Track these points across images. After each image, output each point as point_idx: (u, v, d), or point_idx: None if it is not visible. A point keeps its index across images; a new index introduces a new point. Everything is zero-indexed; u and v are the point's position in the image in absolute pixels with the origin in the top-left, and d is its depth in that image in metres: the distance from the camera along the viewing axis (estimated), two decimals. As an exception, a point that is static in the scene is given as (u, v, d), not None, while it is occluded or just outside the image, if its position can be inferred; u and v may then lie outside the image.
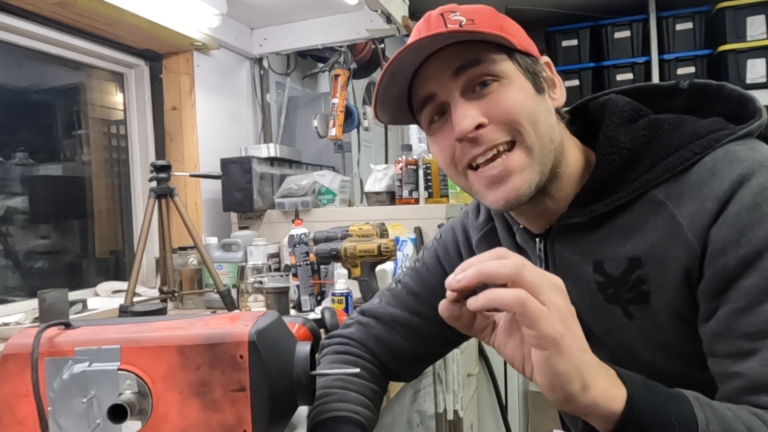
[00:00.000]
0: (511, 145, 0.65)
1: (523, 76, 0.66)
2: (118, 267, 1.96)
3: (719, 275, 0.58)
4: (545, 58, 0.71)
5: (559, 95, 0.71)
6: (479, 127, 0.64)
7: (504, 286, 0.50)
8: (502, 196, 0.66)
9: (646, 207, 0.64)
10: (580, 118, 0.76)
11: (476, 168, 0.67)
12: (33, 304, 1.38)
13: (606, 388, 0.50)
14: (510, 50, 0.66)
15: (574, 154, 0.71)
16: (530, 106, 0.65)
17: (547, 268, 0.73)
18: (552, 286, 0.50)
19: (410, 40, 0.69)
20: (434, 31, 0.63)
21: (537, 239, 0.74)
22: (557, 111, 0.71)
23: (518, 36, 0.68)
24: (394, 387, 1.05)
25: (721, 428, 0.51)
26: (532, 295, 0.49)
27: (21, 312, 1.45)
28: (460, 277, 0.52)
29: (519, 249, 0.78)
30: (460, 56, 0.65)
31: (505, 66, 0.66)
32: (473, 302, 0.51)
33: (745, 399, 0.56)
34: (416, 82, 0.69)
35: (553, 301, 0.49)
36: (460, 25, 0.65)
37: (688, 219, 0.60)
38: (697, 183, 0.61)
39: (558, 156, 0.68)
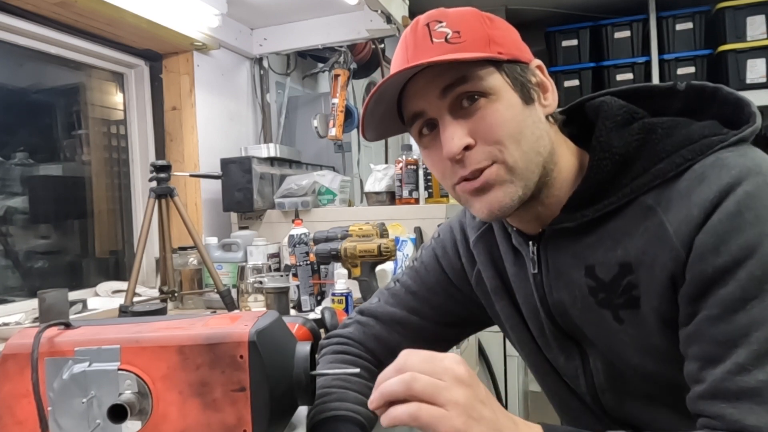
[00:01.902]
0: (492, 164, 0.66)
1: (511, 89, 0.66)
2: (118, 267, 1.96)
3: (696, 281, 0.58)
4: (537, 62, 0.70)
5: (551, 100, 0.70)
6: (467, 147, 0.65)
7: None
8: (485, 206, 0.67)
9: (636, 212, 0.64)
10: (576, 119, 0.76)
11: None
12: (33, 304, 1.39)
13: None
14: (498, 61, 0.66)
15: (567, 159, 0.70)
16: (516, 123, 0.65)
17: (540, 271, 0.73)
18: (450, 384, 0.54)
19: (398, 52, 0.69)
20: (419, 56, 0.64)
21: (530, 242, 0.74)
22: (549, 116, 0.70)
23: (507, 43, 0.67)
24: (394, 387, 1.05)
25: None
26: (428, 402, 0.53)
27: (21, 312, 1.46)
28: (370, 400, 0.57)
29: (515, 250, 0.78)
30: (447, 75, 0.65)
31: (493, 80, 0.65)
32: (383, 420, 0.56)
33: (700, 405, 0.57)
34: (404, 96, 0.69)
35: (452, 399, 0.53)
36: (446, 39, 0.64)
37: (675, 225, 0.60)
38: (686, 189, 0.61)
39: (548, 165, 0.68)
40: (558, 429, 0.56)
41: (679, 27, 3.21)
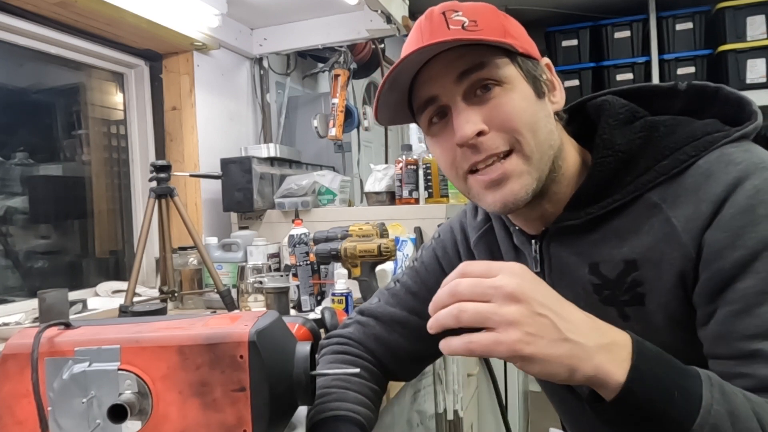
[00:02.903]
0: (510, 153, 0.65)
1: (524, 80, 0.66)
2: (118, 267, 1.96)
3: (715, 278, 0.58)
4: (545, 60, 0.71)
5: (559, 98, 0.71)
6: (480, 134, 0.64)
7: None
8: (500, 199, 0.66)
9: (641, 209, 0.64)
10: (577, 118, 0.76)
11: (475, 171, 0.67)
12: (33, 304, 1.39)
13: (602, 364, 0.51)
14: (513, 53, 0.66)
15: (571, 156, 0.71)
16: (531, 113, 0.65)
17: (542, 270, 0.73)
18: (500, 304, 0.50)
19: (411, 38, 0.68)
20: (438, 38, 0.62)
21: (533, 241, 0.74)
22: (556, 114, 0.70)
23: (520, 37, 0.67)
24: (394, 387, 1.05)
25: (726, 410, 0.51)
26: (481, 329, 0.51)
27: (21, 312, 1.45)
28: (429, 325, 0.54)
29: (516, 250, 0.78)
30: (464, 60, 0.64)
31: (508, 70, 0.65)
32: (444, 350, 0.53)
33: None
34: (417, 82, 0.68)
35: (502, 321, 0.50)
36: (463, 27, 0.64)
37: (683, 222, 0.60)
38: (692, 185, 0.61)
39: (556, 161, 0.68)
40: (645, 341, 0.54)
41: (679, 27, 3.21)
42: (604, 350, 0.51)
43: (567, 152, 0.70)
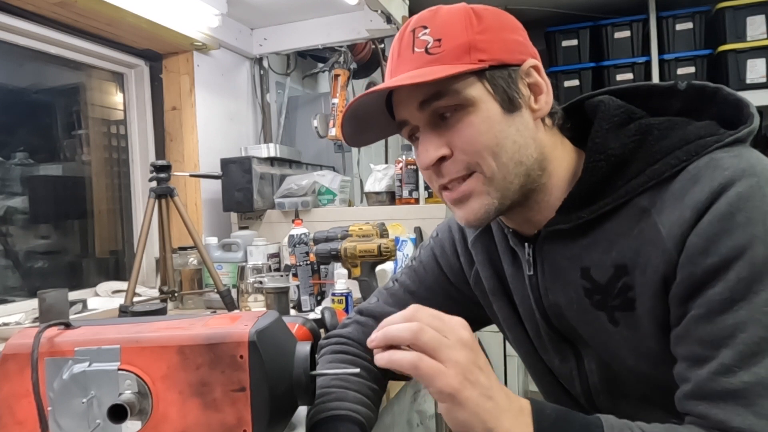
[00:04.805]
0: (472, 174, 0.66)
1: (491, 98, 0.65)
2: (118, 267, 1.96)
3: (686, 282, 0.58)
4: (531, 62, 0.67)
5: (543, 103, 0.68)
6: (443, 158, 0.66)
7: None
8: (463, 216, 0.69)
9: (631, 214, 0.64)
10: (575, 117, 0.75)
11: (445, 188, 0.70)
12: (33, 304, 1.39)
13: (511, 428, 0.55)
14: (479, 69, 0.64)
15: (562, 161, 0.70)
16: (494, 134, 0.64)
17: (536, 273, 0.73)
18: (454, 343, 0.55)
19: (390, 54, 0.70)
20: (400, 67, 0.66)
21: (526, 244, 0.73)
22: (544, 117, 0.69)
23: (492, 47, 0.65)
24: (394, 387, 1.05)
25: None
26: (430, 356, 0.55)
27: (21, 312, 1.46)
28: (371, 338, 0.58)
29: (512, 251, 0.77)
30: (423, 89, 0.64)
31: (472, 90, 0.64)
32: (379, 360, 0.57)
33: (686, 404, 0.57)
34: (393, 101, 0.70)
35: (452, 357, 0.54)
36: (426, 49, 0.64)
37: (667, 227, 0.60)
38: (679, 191, 0.60)
39: (533, 173, 0.67)
40: (546, 405, 0.58)
41: (679, 27, 3.21)
42: (513, 416, 0.56)
43: (555, 157, 0.69)
